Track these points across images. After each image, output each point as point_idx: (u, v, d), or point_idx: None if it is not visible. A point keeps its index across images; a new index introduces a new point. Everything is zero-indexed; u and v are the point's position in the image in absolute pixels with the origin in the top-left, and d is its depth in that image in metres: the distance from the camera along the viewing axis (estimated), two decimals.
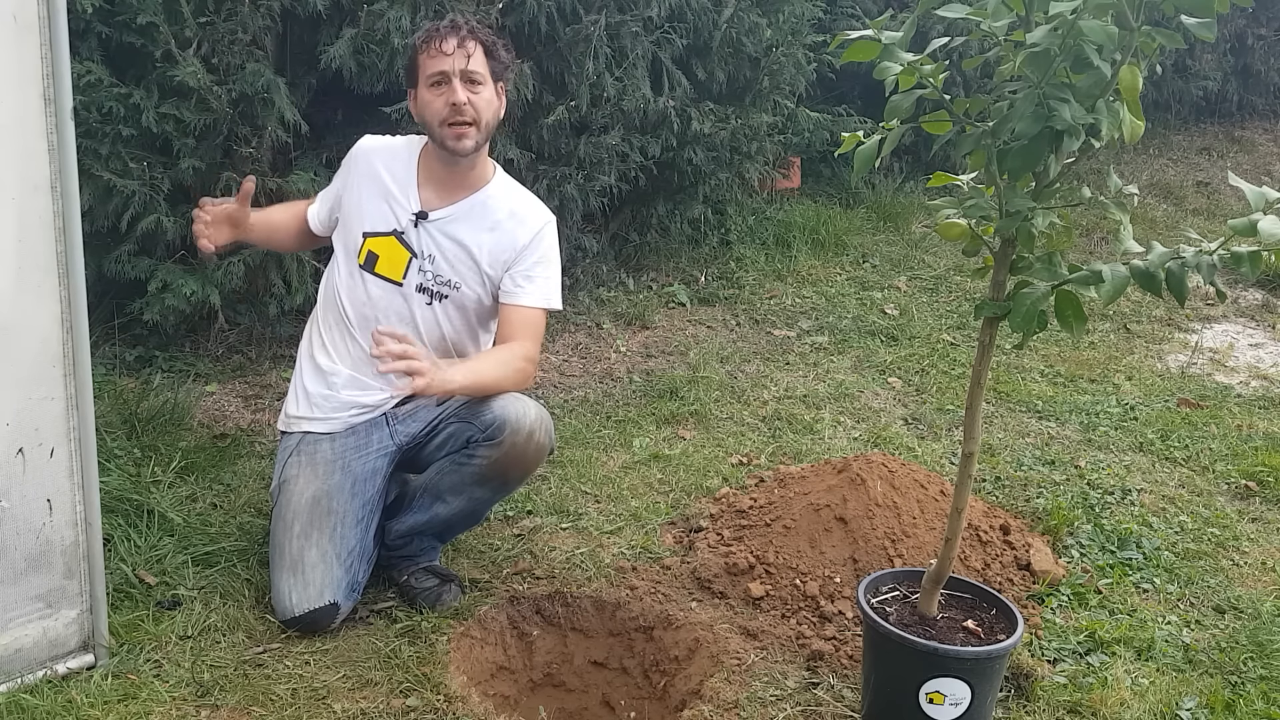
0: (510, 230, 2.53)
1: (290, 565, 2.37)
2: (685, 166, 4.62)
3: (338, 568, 2.37)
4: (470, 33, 2.43)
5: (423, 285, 2.52)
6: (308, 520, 2.41)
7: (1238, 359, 4.57)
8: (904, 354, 4.30)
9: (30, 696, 2.08)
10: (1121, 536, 2.93)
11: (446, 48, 2.39)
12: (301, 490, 2.45)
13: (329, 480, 2.46)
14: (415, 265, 2.51)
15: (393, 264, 2.51)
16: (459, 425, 2.45)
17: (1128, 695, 2.28)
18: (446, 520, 2.51)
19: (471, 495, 2.47)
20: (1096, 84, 1.74)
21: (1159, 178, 7.15)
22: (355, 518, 2.44)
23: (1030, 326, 1.86)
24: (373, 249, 2.51)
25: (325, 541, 2.39)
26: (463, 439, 2.43)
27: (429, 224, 2.50)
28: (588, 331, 4.35)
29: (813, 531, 2.65)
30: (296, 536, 2.39)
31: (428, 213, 2.50)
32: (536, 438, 2.40)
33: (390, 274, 2.51)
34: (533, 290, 2.52)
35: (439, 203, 2.52)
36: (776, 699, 2.24)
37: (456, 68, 2.39)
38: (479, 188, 2.54)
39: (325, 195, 2.66)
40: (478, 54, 2.42)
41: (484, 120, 2.44)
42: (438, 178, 2.53)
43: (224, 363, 3.71)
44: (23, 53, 1.88)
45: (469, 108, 2.40)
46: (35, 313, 2.00)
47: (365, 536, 2.45)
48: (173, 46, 3.25)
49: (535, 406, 2.43)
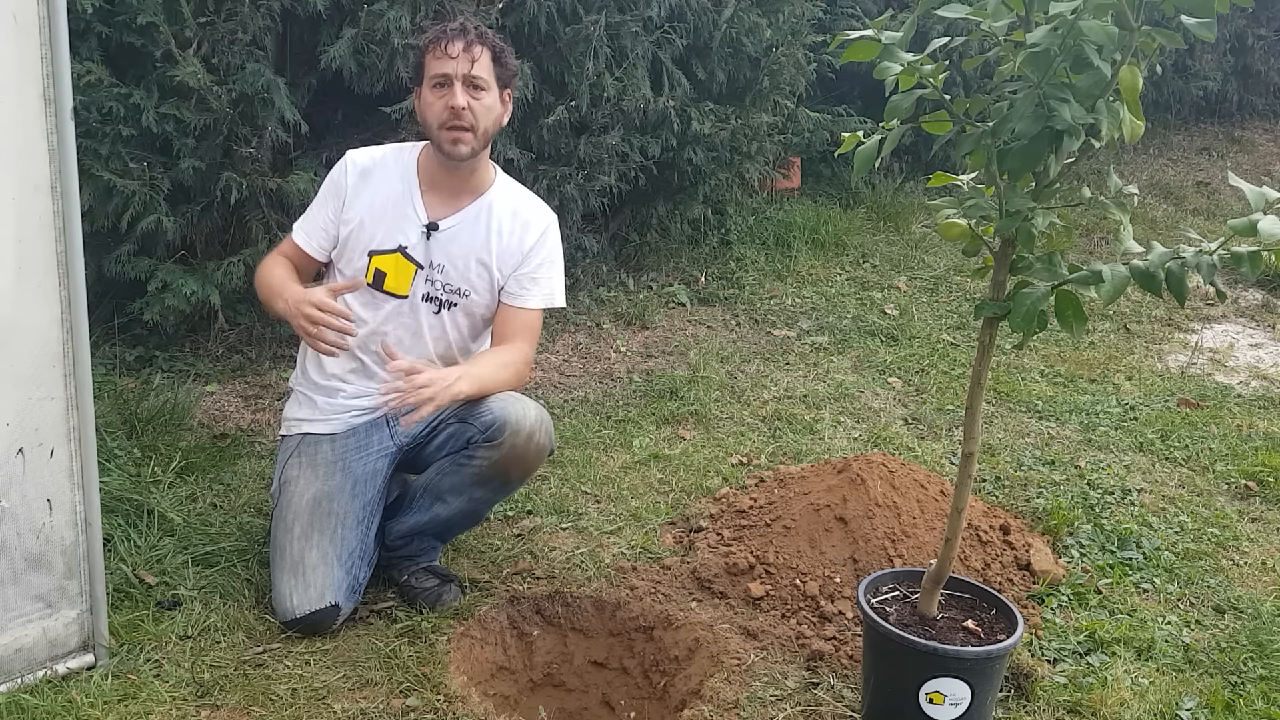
0: (517, 234, 2.53)
1: (291, 567, 2.37)
2: (685, 166, 4.62)
3: (338, 569, 2.37)
4: (479, 37, 2.41)
5: (430, 295, 2.51)
6: (308, 522, 2.41)
7: (1238, 359, 4.57)
8: (904, 354, 4.30)
9: (30, 696, 2.08)
10: (1121, 536, 2.93)
11: (452, 50, 2.37)
12: (302, 491, 2.45)
13: (329, 481, 2.46)
14: (422, 276, 2.50)
15: (399, 280, 2.50)
16: (459, 426, 2.45)
17: (1128, 695, 2.28)
18: (447, 520, 2.51)
19: (472, 495, 2.47)
20: (1096, 84, 1.74)
21: (1159, 178, 7.15)
22: (356, 519, 2.44)
23: (1030, 326, 1.86)
24: (379, 267, 2.49)
25: (326, 543, 2.39)
26: (463, 440, 2.43)
27: (439, 234, 2.49)
28: (588, 331, 4.35)
29: (813, 531, 2.65)
30: (297, 538, 2.39)
31: (438, 224, 2.49)
32: (536, 438, 2.39)
33: (397, 289, 2.50)
34: (537, 292, 2.54)
35: (445, 210, 2.51)
36: (776, 699, 2.24)
37: (460, 71, 2.38)
38: (482, 192, 2.54)
39: (313, 224, 2.53)
40: (484, 59, 2.41)
41: (482, 127, 2.43)
42: (440, 184, 2.51)
43: (224, 363, 3.71)
44: (23, 53, 1.88)
45: (468, 113, 2.38)
46: (35, 312, 2.00)
47: (366, 537, 2.45)
48: (173, 46, 3.25)
49: (535, 407, 2.42)
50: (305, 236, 2.54)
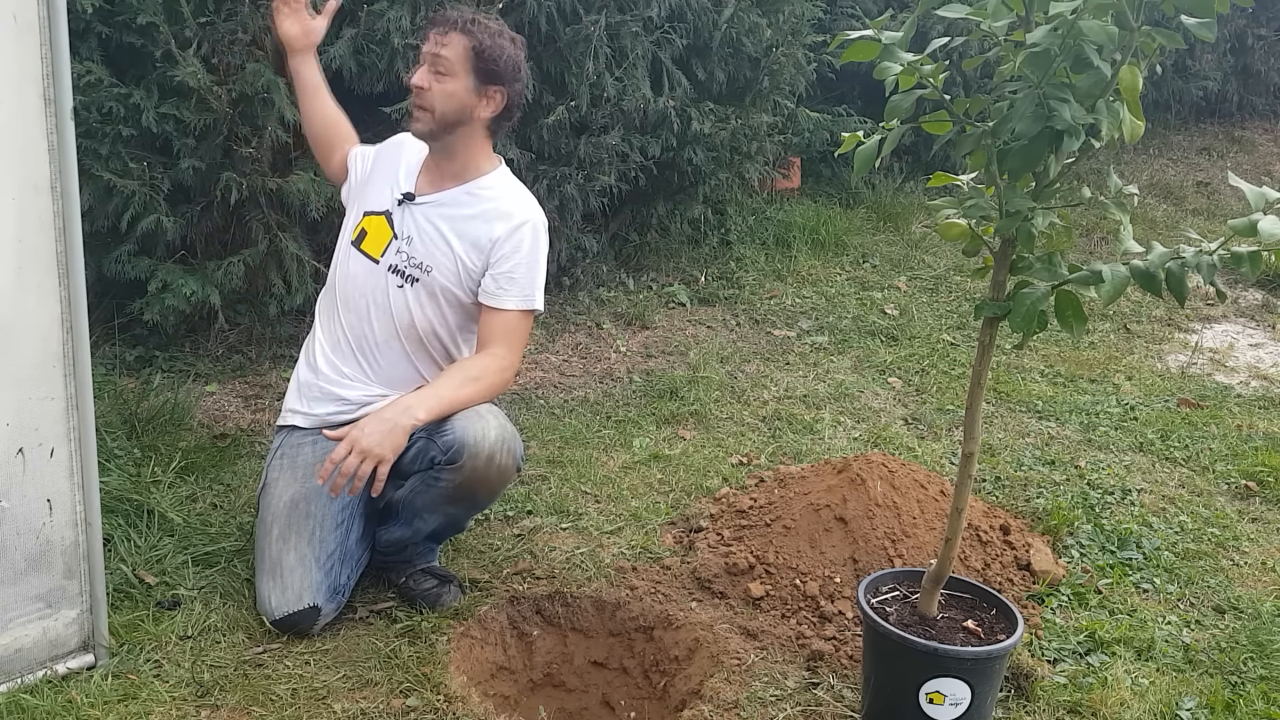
0: (489, 221, 2.49)
1: (270, 568, 2.37)
2: (685, 166, 4.62)
3: (316, 571, 2.36)
4: (459, 26, 2.41)
5: (395, 266, 2.52)
6: (286, 524, 2.41)
7: (1238, 359, 4.57)
8: (904, 354, 4.30)
9: (30, 696, 2.08)
10: (1121, 536, 2.93)
11: (432, 33, 2.44)
12: (281, 493, 2.46)
13: (307, 484, 2.45)
14: (394, 246, 2.53)
15: (376, 242, 2.54)
16: (425, 443, 2.37)
17: (1128, 695, 2.28)
18: (431, 532, 2.50)
19: (446, 512, 2.44)
20: (1096, 84, 1.74)
21: (1159, 178, 7.15)
22: (334, 521, 2.43)
23: (1030, 326, 1.86)
24: (365, 226, 2.57)
25: (304, 545, 2.38)
26: (427, 458, 2.37)
27: (414, 206, 2.53)
28: (588, 331, 4.35)
29: (813, 531, 2.65)
30: (275, 540, 2.40)
31: (414, 195, 2.54)
32: (497, 460, 2.32)
33: (371, 251, 2.54)
34: (514, 292, 2.47)
35: (430, 189, 2.55)
36: (776, 699, 2.24)
37: (428, 52, 2.43)
38: (469, 179, 2.53)
39: (361, 154, 2.73)
40: (455, 45, 2.41)
41: (440, 110, 2.43)
42: (429, 165, 2.58)
43: (224, 363, 3.71)
44: (23, 53, 1.88)
45: (427, 94, 2.41)
46: (35, 312, 2.00)
47: (346, 540, 2.44)
48: (173, 46, 3.25)
49: (496, 426, 2.33)
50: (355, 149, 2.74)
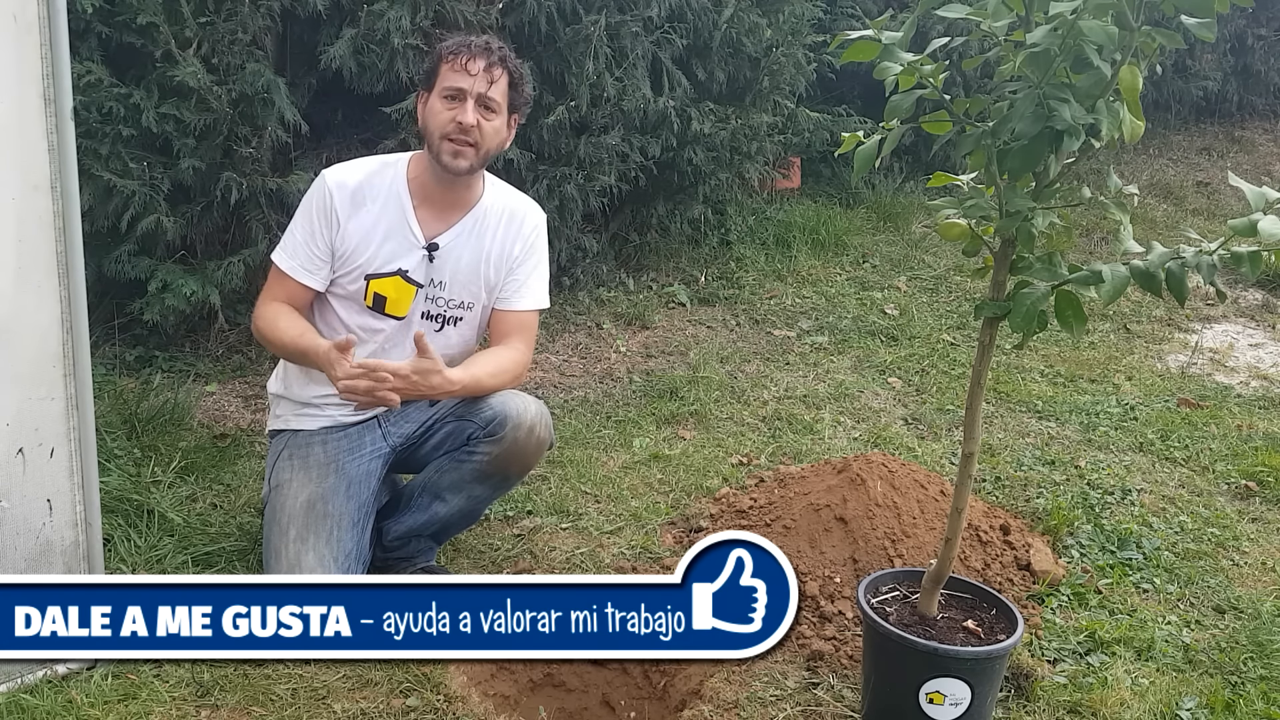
0: (510, 234, 2.52)
1: (288, 570, 2.36)
2: (685, 166, 4.62)
3: (335, 572, 2.36)
4: (502, 60, 2.39)
5: (430, 313, 2.49)
6: (303, 524, 2.40)
7: (1238, 359, 4.57)
8: (904, 354, 4.30)
9: (30, 697, 2.07)
10: (1121, 536, 2.93)
11: (473, 67, 2.35)
12: (295, 494, 2.44)
13: (323, 483, 2.45)
14: (422, 295, 2.47)
15: (400, 302, 2.46)
16: (457, 424, 2.46)
17: (1128, 695, 2.28)
18: (445, 520, 2.51)
19: (471, 493, 2.47)
20: (1096, 84, 1.74)
21: (1159, 178, 7.15)
22: (351, 520, 2.43)
23: (1030, 326, 1.86)
24: (379, 291, 2.44)
25: (322, 546, 2.38)
26: (462, 437, 2.44)
27: (439, 253, 2.46)
28: (588, 331, 4.35)
29: (813, 531, 2.65)
30: (293, 541, 2.39)
31: (437, 243, 2.45)
32: (537, 432, 2.42)
33: (396, 312, 2.47)
34: (529, 294, 2.54)
35: (440, 225, 2.46)
36: (776, 699, 2.24)
37: (476, 90, 2.35)
38: (474, 203, 2.51)
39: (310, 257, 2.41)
40: (502, 82, 2.39)
41: (485, 147, 2.40)
42: (433, 197, 2.46)
43: (224, 363, 3.71)
44: (23, 53, 1.88)
45: (475, 131, 2.36)
46: (35, 313, 2.00)
47: (361, 539, 2.44)
48: (173, 46, 3.25)
49: (535, 402, 2.45)
50: (308, 275, 2.42)
